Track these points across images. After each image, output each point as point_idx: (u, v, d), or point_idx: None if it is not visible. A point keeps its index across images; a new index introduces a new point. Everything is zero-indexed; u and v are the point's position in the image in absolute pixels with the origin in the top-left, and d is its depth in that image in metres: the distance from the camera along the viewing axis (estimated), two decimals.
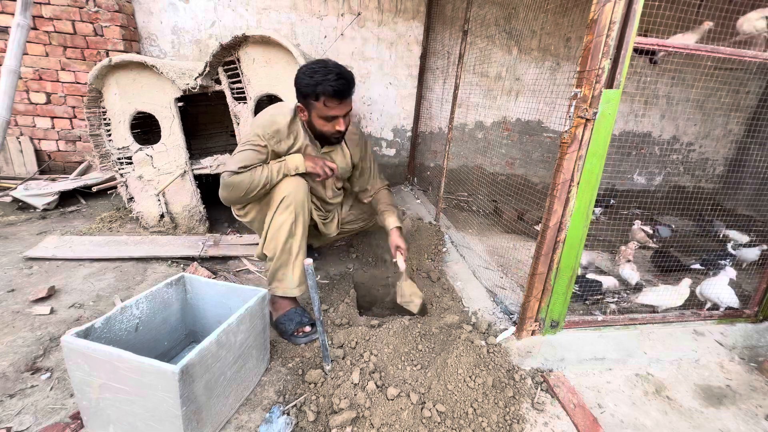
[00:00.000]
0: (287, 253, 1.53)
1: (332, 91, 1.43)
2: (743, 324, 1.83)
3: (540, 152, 4.26)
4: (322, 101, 1.45)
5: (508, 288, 1.92)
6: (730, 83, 4.07)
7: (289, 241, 1.52)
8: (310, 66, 1.45)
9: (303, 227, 1.55)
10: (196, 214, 2.48)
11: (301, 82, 1.46)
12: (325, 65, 1.44)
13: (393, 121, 3.91)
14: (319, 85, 1.42)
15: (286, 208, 1.50)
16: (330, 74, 1.42)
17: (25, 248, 2.06)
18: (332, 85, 1.42)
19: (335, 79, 1.42)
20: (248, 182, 1.46)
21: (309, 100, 1.48)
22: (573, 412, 1.30)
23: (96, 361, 0.96)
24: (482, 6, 3.48)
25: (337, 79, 1.42)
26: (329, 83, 1.41)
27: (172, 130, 2.33)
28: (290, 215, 1.50)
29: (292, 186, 1.51)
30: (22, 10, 2.11)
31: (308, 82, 1.44)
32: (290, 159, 1.54)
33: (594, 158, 1.29)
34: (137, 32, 3.18)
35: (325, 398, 1.24)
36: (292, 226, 1.51)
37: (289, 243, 1.52)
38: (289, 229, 1.51)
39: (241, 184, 1.46)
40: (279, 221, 1.50)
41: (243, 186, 1.46)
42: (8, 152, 3.10)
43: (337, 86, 1.43)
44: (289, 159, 1.54)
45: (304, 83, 1.45)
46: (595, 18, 1.15)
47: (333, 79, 1.41)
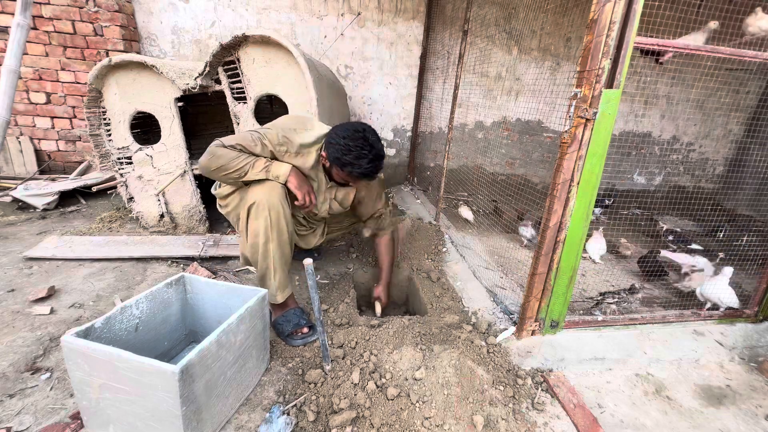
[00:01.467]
0: (265, 260, 1.50)
1: (360, 176, 1.46)
2: (743, 324, 1.82)
3: (540, 152, 4.26)
4: (346, 173, 1.47)
5: (508, 288, 1.92)
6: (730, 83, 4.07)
7: (266, 247, 1.47)
8: (346, 140, 1.42)
9: (279, 232, 1.48)
10: (196, 214, 2.48)
11: (333, 150, 1.44)
12: (363, 145, 1.41)
13: (393, 121, 3.91)
14: (349, 166, 1.43)
15: (259, 215, 1.45)
16: (363, 159, 1.41)
17: (25, 248, 2.06)
18: (363, 171, 1.44)
19: (367, 166, 1.43)
20: (228, 159, 1.41)
21: (333, 164, 1.48)
22: (573, 412, 1.30)
23: (96, 361, 0.96)
24: (482, 6, 3.48)
25: (369, 166, 1.43)
26: (360, 169, 1.43)
27: (172, 130, 2.33)
28: (264, 221, 1.45)
29: (264, 190, 1.45)
30: (22, 10, 2.11)
31: (339, 157, 1.43)
32: (277, 165, 1.48)
33: (594, 158, 1.29)
34: (137, 32, 3.18)
35: (325, 398, 1.24)
36: (267, 233, 1.46)
37: (266, 249, 1.48)
38: (265, 236, 1.46)
39: (221, 158, 1.41)
40: (254, 228, 1.47)
41: (223, 160, 1.41)
42: (8, 152, 3.10)
43: (368, 173, 1.45)
44: (277, 164, 1.48)
45: (335, 155, 1.44)
46: (595, 18, 1.15)
47: (365, 165, 1.42)
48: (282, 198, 1.48)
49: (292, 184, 1.48)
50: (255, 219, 1.46)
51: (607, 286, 2.22)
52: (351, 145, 1.41)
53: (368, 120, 3.85)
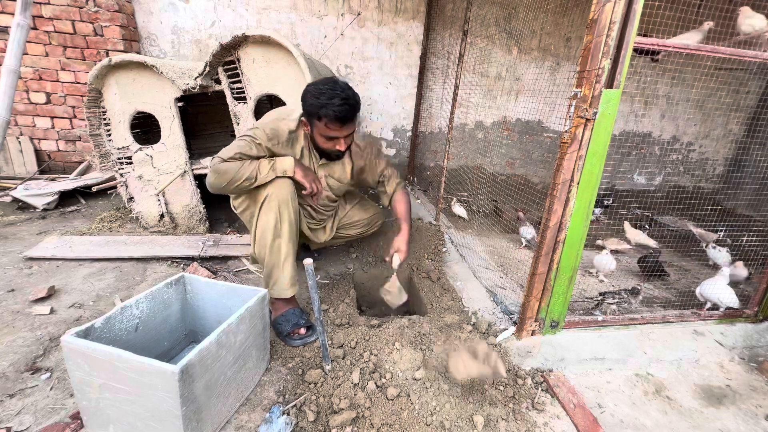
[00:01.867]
0: (276, 255, 1.52)
1: (334, 115, 1.42)
2: (743, 324, 1.82)
3: (540, 152, 4.26)
4: (324, 122, 1.45)
5: (508, 288, 1.92)
6: (730, 83, 4.07)
7: (276, 242, 1.50)
8: (318, 85, 1.44)
9: (289, 226, 1.51)
10: (196, 214, 2.48)
11: (306, 101, 1.46)
12: (333, 87, 1.42)
13: (393, 121, 3.91)
14: (322, 108, 1.42)
15: (270, 209, 1.48)
16: (335, 98, 1.41)
17: (25, 248, 2.06)
18: (335, 110, 1.41)
19: (339, 104, 1.41)
20: (234, 172, 1.43)
21: (312, 118, 1.48)
22: (573, 412, 1.30)
23: (96, 361, 0.96)
24: (482, 6, 3.48)
25: (341, 104, 1.41)
26: (332, 107, 1.41)
27: (172, 130, 2.33)
28: (274, 215, 1.48)
29: (276, 185, 1.48)
30: (22, 9, 2.11)
31: (313, 102, 1.43)
32: (281, 160, 1.52)
33: (594, 158, 1.29)
34: (137, 32, 3.18)
35: (325, 398, 1.24)
36: (276, 227, 1.49)
37: (276, 244, 1.51)
38: (274, 229, 1.49)
39: (227, 172, 1.43)
40: (264, 222, 1.49)
41: (229, 175, 1.43)
42: (8, 152, 3.10)
43: (340, 112, 1.42)
44: (280, 160, 1.52)
45: (309, 102, 1.45)
46: (595, 18, 1.15)
47: (337, 104, 1.41)
48: (292, 193, 1.51)
49: (298, 174, 1.52)
50: (266, 214, 1.49)
51: (607, 286, 2.22)
52: (322, 88, 1.42)
53: (368, 120, 3.85)
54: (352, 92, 1.46)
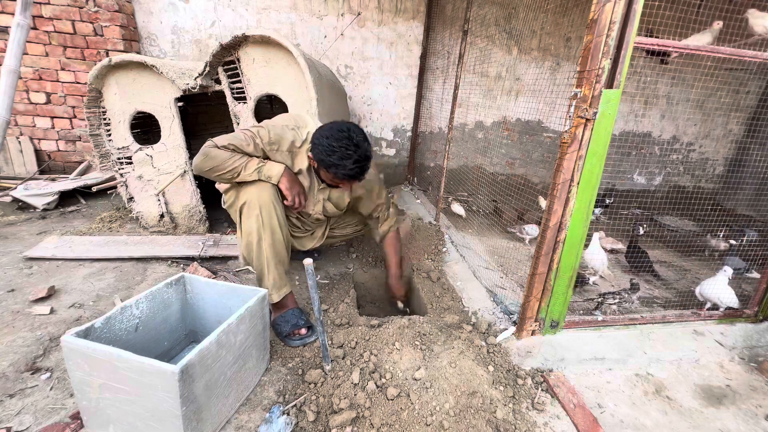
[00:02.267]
0: (261, 259, 1.51)
1: (344, 177, 1.42)
2: (743, 324, 1.82)
3: (540, 152, 4.26)
4: (332, 175, 1.45)
5: (508, 288, 1.92)
6: (730, 83, 4.07)
7: (260, 246, 1.49)
8: (330, 141, 1.38)
9: (272, 231, 1.49)
10: (196, 214, 2.48)
11: (318, 152, 1.41)
12: (347, 145, 1.37)
13: (393, 121, 3.91)
14: (333, 167, 1.40)
15: (251, 214, 1.46)
16: (347, 159, 1.37)
17: (25, 248, 2.06)
18: (347, 172, 1.40)
19: (352, 167, 1.39)
20: (221, 160, 1.41)
21: (320, 165, 1.46)
22: (573, 412, 1.30)
23: (96, 361, 0.96)
24: (482, 6, 3.48)
25: (353, 168, 1.39)
26: (345, 170, 1.39)
27: (172, 130, 2.33)
28: (256, 220, 1.46)
29: (255, 190, 1.46)
30: (22, 9, 2.11)
31: (323, 159, 1.40)
32: (270, 165, 1.48)
33: (594, 158, 1.29)
34: (137, 32, 3.18)
35: (325, 398, 1.24)
36: (260, 231, 1.47)
37: (260, 248, 1.49)
38: (258, 234, 1.47)
39: (215, 158, 1.40)
40: (247, 227, 1.48)
41: (216, 161, 1.40)
42: (8, 152, 3.10)
43: (352, 174, 1.41)
44: (270, 165, 1.48)
45: (320, 156, 1.41)
46: (595, 18, 1.15)
47: (350, 167, 1.38)
48: (273, 197, 1.48)
49: (283, 184, 1.48)
50: (247, 218, 1.47)
51: (607, 286, 2.22)
52: (335, 146, 1.37)
53: (368, 120, 3.85)
54: (365, 146, 1.42)
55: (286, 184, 1.49)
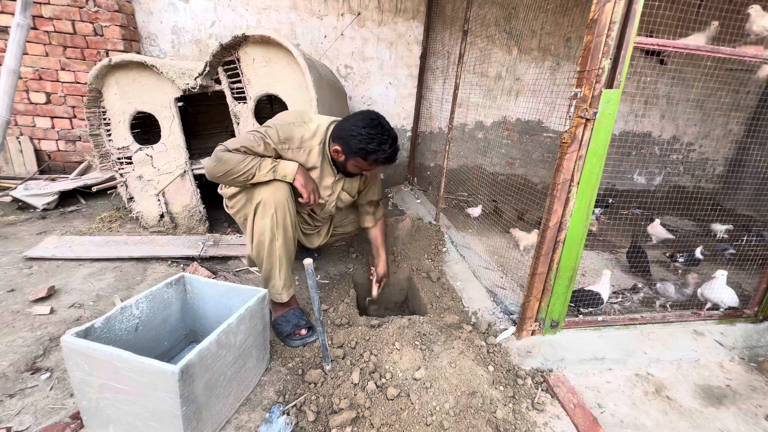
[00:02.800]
0: (272, 259, 1.51)
1: (385, 160, 1.50)
2: (743, 324, 1.82)
3: (540, 152, 4.26)
4: (369, 162, 1.51)
5: (508, 288, 1.92)
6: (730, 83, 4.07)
7: (272, 246, 1.49)
8: (368, 129, 1.45)
9: (285, 231, 1.50)
10: (196, 214, 2.48)
11: (354, 143, 1.46)
12: (382, 132, 1.47)
13: (393, 121, 3.91)
14: (373, 153, 1.47)
15: (266, 213, 1.46)
16: (385, 144, 1.47)
17: (25, 248, 2.06)
18: (387, 156, 1.49)
19: (390, 151, 1.49)
20: (235, 163, 1.41)
21: (354, 155, 1.50)
22: (573, 412, 1.30)
23: (96, 361, 0.96)
24: (482, 6, 3.48)
25: (391, 151, 1.49)
26: (384, 154, 1.48)
27: (172, 130, 2.33)
28: (270, 220, 1.46)
29: (271, 190, 1.46)
30: (22, 9, 2.11)
31: (363, 147, 1.46)
32: (284, 164, 1.49)
33: (594, 158, 1.29)
34: (137, 32, 3.18)
35: (325, 398, 1.24)
36: (273, 230, 1.47)
37: (272, 248, 1.49)
38: (271, 234, 1.48)
39: (228, 162, 1.40)
40: (260, 227, 1.48)
41: (230, 164, 1.40)
42: (8, 152, 3.10)
43: (391, 157, 1.50)
44: (283, 164, 1.49)
45: (357, 145, 1.46)
46: (595, 18, 1.15)
47: (388, 151, 1.48)
48: (288, 197, 1.50)
49: (298, 182, 1.50)
50: (261, 218, 1.47)
51: None
52: (373, 133, 1.45)
53: None
54: (393, 131, 1.52)
55: (302, 181, 1.50)
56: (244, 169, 1.42)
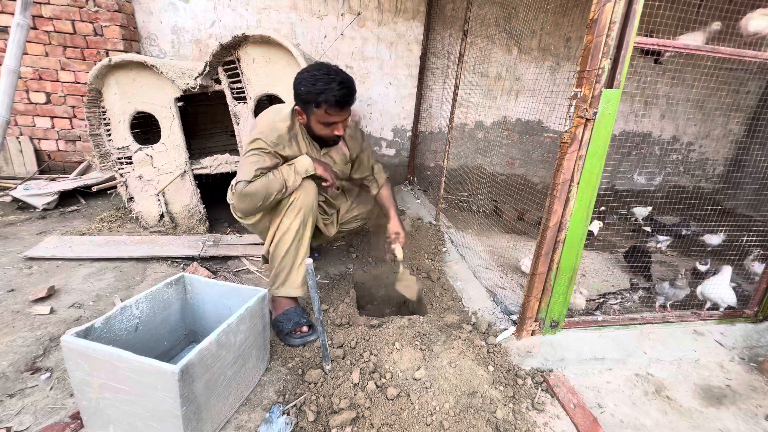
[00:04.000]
0: (292, 256, 1.54)
1: (335, 100, 1.41)
2: (743, 324, 1.83)
3: (540, 152, 4.26)
4: (323, 109, 1.43)
5: (508, 288, 1.92)
6: (730, 83, 4.07)
7: (295, 244, 1.52)
8: (311, 72, 1.42)
9: (310, 231, 1.55)
10: (196, 214, 2.48)
11: (302, 89, 1.43)
12: (328, 72, 1.41)
13: (393, 121, 3.91)
14: (321, 94, 1.40)
15: (295, 214, 1.49)
16: (333, 83, 1.39)
17: (25, 248, 2.06)
18: (335, 95, 1.40)
19: (338, 89, 1.40)
20: (264, 189, 1.42)
21: (309, 106, 1.45)
22: (573, 412, 1.30)
23: (96, 361, 0.96)
24: (482, 6, 3.48)
25: (340, 89, 1.40)
26: (332, 92, 1.40)
27: (172, 129, 2.33)
28: (299, 219, 1.49)
29: (302, 190, 1.49)
30: (22, 9, 2.11)
31: (310, 90, 1.41)
32: (300, 162, 1.51)
33: (594, 158, 1.29)
34: (137, 32, 3.18)
35: (325, 398, 1.24)
36: (299, 230, 1.51)
37: (295, 246, 1.52)
38: (296, 233, 1.50)
39: (257, 193, 1.41)
40: (286, 224, 1.49)
41: (260, 195, 1.42)
42: (8, 152, 3.10)
43: (340, 96, 1.41)
44: (299, 162, 1.51)
45: (305, 90, 1.42)
46: (595, 18, 1.15)
47: (336, 89, 1.40)
48: (316, 196, 1.54)
49: (319, 170, 1.53)
50: (289, 218, 1.49)
51: (607, 286, 2.22)
52: (317, 74, 1.40)
53: (368, 120, 3.85)
54: (346, 74, 1.45)
55: (321, 167, 1.54)
56: (275, 188, 1.44)
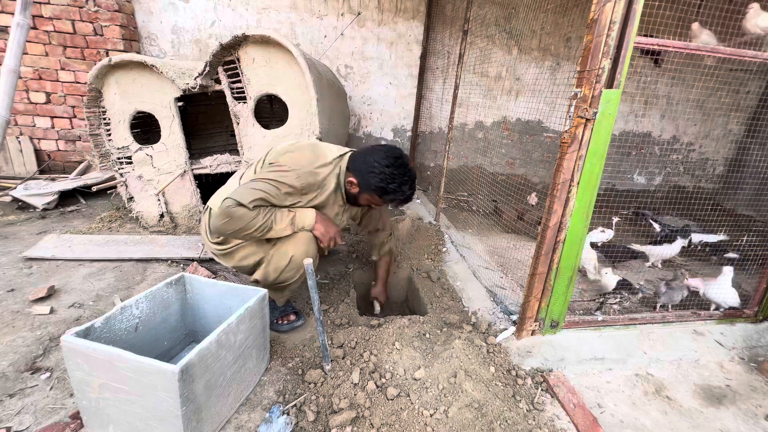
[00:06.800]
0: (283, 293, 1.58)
1: (401, 201, 1.49)
2: (743, 324, 1.82)
3: (540, 152, 4.26)
4: (383, 199, 1.48)
5: (508, 288, 1.92)
6: (730, 83, 4.07)
7: (288, 291, 1.57)
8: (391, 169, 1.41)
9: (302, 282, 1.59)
10: (196, 213, 2.47)
11: (375, 180, 1.42)
12: (404, 172, 1.44)
13: (393, 121, 3.91)
14: (392, 193, 1.44)
15: (295, 273, 1.47)
16: (405, 185, 1.45)
17: (25, 248, 2.06)
18: (404, 197, 1.47)
19: (409, 191, 1.47)
20: (248, 219, 1.30)
21: (371, 191, 1.45)
22: (573, 412, 1.30)
23: (96, 360, 0.96)
24: (482, 6, 3.48)
25: (411, 191, 1.47)
26: (402, 195, 1.46)
27: (172, 129, 2.32)
28: (298, 278, 1.50)
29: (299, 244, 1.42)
30: (22, 9, 2.11)
31: (383, 187, 1.42)
32: (302, 215, 1.42)
33: (594, 158, 1.29)
34: (137, 32, 3.18)
35: (325, 398, 1.24)
36: (294, 284, 1.54)
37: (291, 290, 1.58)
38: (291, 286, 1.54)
39: (240, 219, 1.29)
40: (285, 278, 1.47)
41: (242, 222, 1.30)
42: (8, 152, 3.10)
43: (409, 197, 1.48)
44: (301, 215, 1.42)
45: (376, 182, 1.42)
46: (595, 18, 1.15)
47: (408, 191, 1.46)
48: (315, 252, 1.47)
49: (318, 231, 1.44)
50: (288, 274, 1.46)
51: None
52: (396, 173, 1.42)
53: (368, 120, 3.86)
54: (414, 171, 1.50)
55: (321, 230, 1.45)
56: (258, 226, 1.32)
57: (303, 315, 1.67)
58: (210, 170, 2.42)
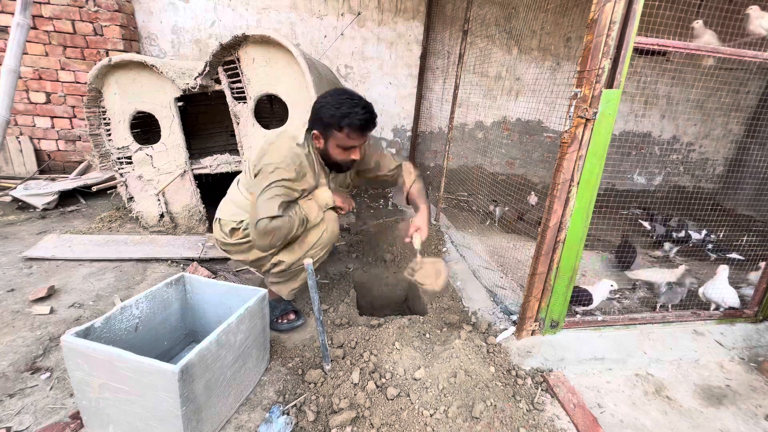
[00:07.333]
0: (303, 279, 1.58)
1: (359, 124, 1.42)
2: (743, 324, 1.82)
3: (540, 152, 4.26)
4: (345, 132, 1.43)
5: (508, 288, 1.92)
6: (730, 83, 4.07)
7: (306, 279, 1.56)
8: (335, 97, 1.43)
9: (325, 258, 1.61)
10: (196, 213, 2.47)
11: (325, 112, 1.42)
12: (352, 97, 1.44)
13: (393, 121, 3.91)
14: (345, 117, 1.40)
15: (323, 247, 1.53)
16: (357, 107, 1.42)
17: (25, 248, 2.06)
18: (360, 118, 1.42)
19: (363, 113, 1.42)
20: (288, 223, 1.38)
21: (331, 130, 1.44)
22: (573, 412, 1.30)
23: (96, 360, 0.96)
24: (482, 6, 3.48)
25: (364, 113, 1.43)
26: (357, 116, 1.41)
27: (172, 129, 2.32)
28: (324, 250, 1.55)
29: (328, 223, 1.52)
30: (22, 9, 2.11)
31: (333, 113, 1.41)
32: (320, 195, 1.52)
33: (594, 158, 1.29)
34: (137, 32, 3.18)
35: (325, 398, 1.24)
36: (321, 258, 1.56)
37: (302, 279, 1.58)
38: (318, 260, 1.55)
39: (282, 227, 1.36)
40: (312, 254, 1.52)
41: (283, 231, 1.38)
42: (8, 152, 3.10)
43: (364, 120, 1.44)
44: (319, 195, 1.52)
45: (328, 114, 1.42)
46: (595, 18, 1.15)
47: (361, 113, 1.42)
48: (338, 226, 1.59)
49: (338, 201, 1.57)
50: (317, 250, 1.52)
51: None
52: (341, 98, 1.42)
53: None
54: (366, 100, 1.49)
55: (340, 199, 1.59)
56: (297, 223, 1.43)
57: (303, 314, 1.67)
58: (210, 170, 2.42)
